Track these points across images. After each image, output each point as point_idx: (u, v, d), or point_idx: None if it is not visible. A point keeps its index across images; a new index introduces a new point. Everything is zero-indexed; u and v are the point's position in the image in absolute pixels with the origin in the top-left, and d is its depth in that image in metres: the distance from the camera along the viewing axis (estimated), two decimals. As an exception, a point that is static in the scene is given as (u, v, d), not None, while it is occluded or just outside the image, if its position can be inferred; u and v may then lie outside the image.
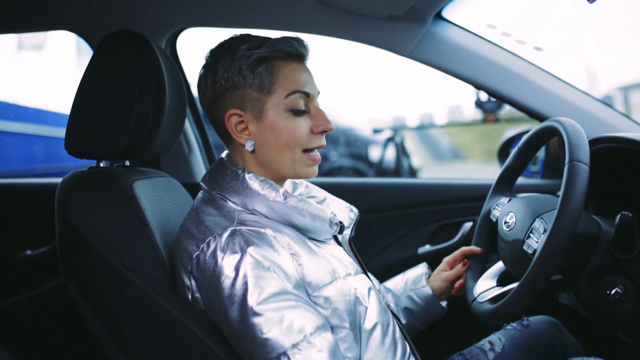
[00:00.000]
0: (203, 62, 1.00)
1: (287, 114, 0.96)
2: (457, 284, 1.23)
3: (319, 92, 1.01)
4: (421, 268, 1.27)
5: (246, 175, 0.96)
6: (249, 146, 0.97)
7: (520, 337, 1.21)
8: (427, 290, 1.22)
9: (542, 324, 1.24)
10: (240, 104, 0.96)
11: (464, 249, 1.25)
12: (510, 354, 1.18)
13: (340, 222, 0.99)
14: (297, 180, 1.13)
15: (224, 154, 1.04)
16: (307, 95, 0.97)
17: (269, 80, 0.95)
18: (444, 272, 1.25)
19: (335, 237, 1.06)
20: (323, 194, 1.14)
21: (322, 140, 0.99)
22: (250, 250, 0.85)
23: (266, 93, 0.95)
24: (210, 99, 0.98)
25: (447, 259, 1.27)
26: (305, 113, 0.97)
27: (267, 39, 0.96)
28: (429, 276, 1.26)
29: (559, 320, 1.26)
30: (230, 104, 0.96)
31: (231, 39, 0.98)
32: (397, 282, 1.27)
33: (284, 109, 0.95)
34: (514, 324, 1.25)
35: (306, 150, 0.98)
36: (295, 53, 0.97)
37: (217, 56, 0.97)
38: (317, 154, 1.00)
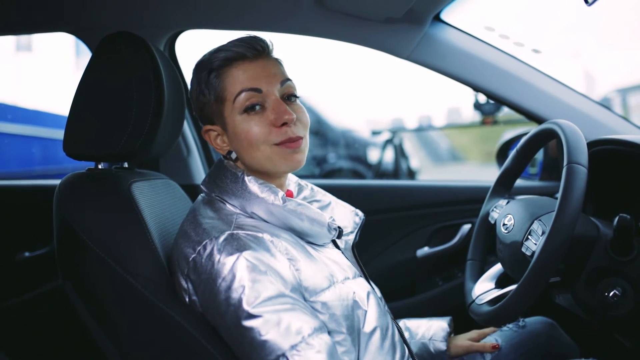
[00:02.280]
0: None
1: (243, 116, 0.95)
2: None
3: (284, 82, 0.97)
4: (445, 323, 1.21)
5: (246, 178, 0.96)
6: (232, 156, 0.99)
7: (517, 338, 1.21)
8: (442, 346, 1.17)
9: (538, 325, 1.24)
10: (210, 120, 1.00)
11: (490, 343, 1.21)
12: (506, 354, 1.18)
13: (339, 227, 0.99)
14: (302, 183, 1.13)
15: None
16: (257, 91, 0.95)
17: (220, 88, 0.96)
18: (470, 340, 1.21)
19: (333, 241, 1.06)
20: (328, 197, 1.13)
21: (289, 132, 0.94)
22: (247, 254, 0.85)
23: (221, 102, 0.96)
24: (198, 119, 1.03)
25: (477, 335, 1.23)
26: (260, 110, 0.95)
27: (216, 50, 0.97)
28: (450, 333, 1.21)
29: (555, 321, 1.26)
30: (204, 121, 1.01)
31: (196, 62, 1.00)
32: (419, 325, 1.22)
33: (239, 112, 0.95)
34: (510, 325, 1.25)
35: (277, 144, 0.95)
36: (236, 56, 0.95)
37: (191, 82, 1.01)
38: (291, 142, 0.95)
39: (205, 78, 0.96)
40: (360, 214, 1.12)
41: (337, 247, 1.06)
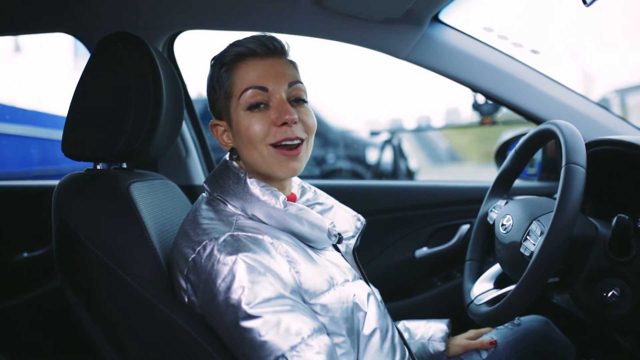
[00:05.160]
0: None
1: (246, 112, 0.95)
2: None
3: (293, 83, 0.96)
4: (444, 325, 1.22)
5: (248, 180, 0.96)
6: (234, 153, 1.00)
7: (512, 336, 1.21)
8: (440, 347, 1.18)
9: (532, 323, 1.25)
10: (218, 115, 1.00)
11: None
12: (502, 352, 1.18)
13: (339, 234, 0.99)
14: (305, 185, 1.12)
15: (227, 156, 1.04)
16: (263, 89, 0.95)
17: (228, 83, 0.96)
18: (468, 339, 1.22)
19: (334, 244, 1.05)
20: (331, 201, 1.12)
21: (288, 132, 0.94)
22: (247, 255, 0.85)
23: (228, 98, 0.97)
24: (210, 113, 1.03)
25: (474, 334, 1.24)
26: (263, 108, 0.95)
27: (231, 45, 0.97)
28: (449, 334, 1.22)
29: (551, 319, 1.27)
30: (215, 115, 1.01)
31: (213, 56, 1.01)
32: (418, 326, 1.23)
33: (243, 109, 0.95)
34: (506, 323, 1.25)
35: (275, 146, 0.95)
36: (247, 52, 0.95)
37: (207, 76, 1.01)
38: (288, 146, 0.94)
39: (217, 73, 0.97)
40: (362, 219, 1.11)
41: (337, 249, 1.06)
